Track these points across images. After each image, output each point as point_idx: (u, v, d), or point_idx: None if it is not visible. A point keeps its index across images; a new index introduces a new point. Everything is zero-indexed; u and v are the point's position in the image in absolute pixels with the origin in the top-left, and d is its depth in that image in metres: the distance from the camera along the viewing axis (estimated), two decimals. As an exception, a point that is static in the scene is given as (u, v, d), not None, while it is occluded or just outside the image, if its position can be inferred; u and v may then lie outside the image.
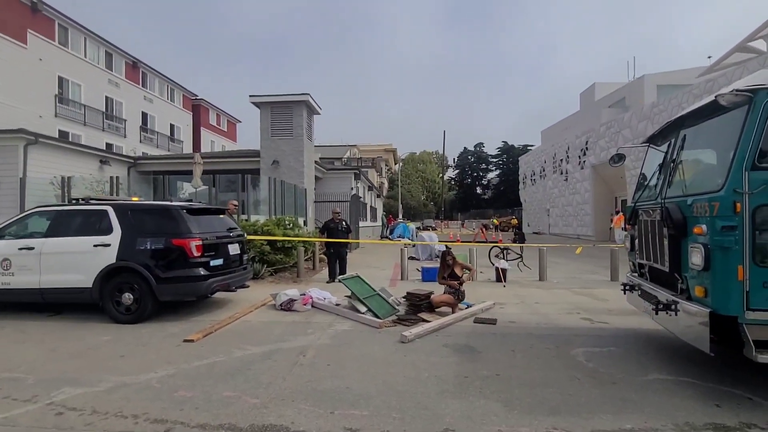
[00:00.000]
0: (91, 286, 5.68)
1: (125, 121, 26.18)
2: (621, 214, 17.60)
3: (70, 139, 19.78)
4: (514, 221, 36.13)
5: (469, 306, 6.34)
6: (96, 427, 2.85)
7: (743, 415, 2.98)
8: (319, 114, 16.92)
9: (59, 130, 20.97)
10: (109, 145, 23.61)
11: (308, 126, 16.11)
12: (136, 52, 47.67)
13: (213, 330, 5.22)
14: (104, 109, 24.60)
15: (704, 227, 3.22)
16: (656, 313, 3.80)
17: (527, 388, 3.50)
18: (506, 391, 3.44)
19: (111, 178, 12.36)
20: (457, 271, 6.41)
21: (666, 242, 3.79)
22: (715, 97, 3.28)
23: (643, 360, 4.17)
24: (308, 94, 15.43)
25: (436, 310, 6.12)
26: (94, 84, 23.83)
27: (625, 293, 4.91)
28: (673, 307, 3.55)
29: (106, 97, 24.94)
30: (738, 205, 3.05)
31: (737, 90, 3.14)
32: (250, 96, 15.58)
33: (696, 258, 3.28)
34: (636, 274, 4.75)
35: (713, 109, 3.55)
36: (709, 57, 23.26)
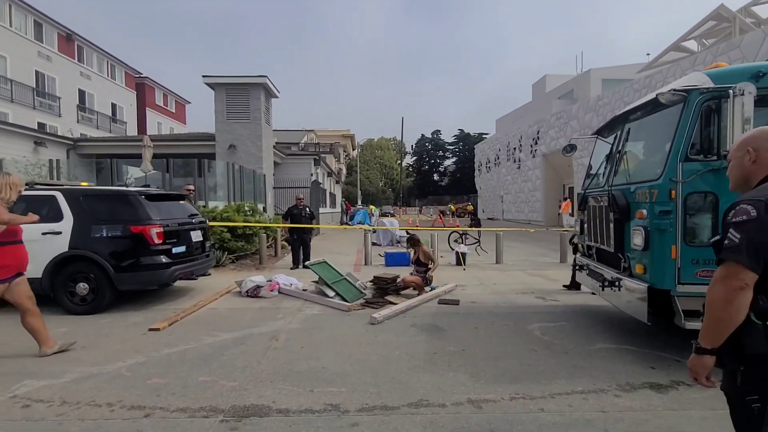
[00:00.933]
0: (40, 276, 5.33)
1: (59, 98, 24.07)
2: (568, 200, 18.77)
3: (-4, 118, 17.95)
4: (470, 207, 37.39)
5: (433, 288, 6.63)
6: (69, 416, 2.79)
7: (673, 375, 3.44)
8: (277, 97, 16.48)
9: (-18, 107, 18.97)
10: (41, 125, 21.64)
11: (266, 109, 15.67)
12: (73, 24, 43.47)
13: (179, 318, 5.12)
14: (35, 85, 22.46)
15: (645, 212, 3.63)
16: (602, 290, 4.22)
17: (491, 360, 3.80)
18: (472, 364, 3.72)
19: (50, 161, 11.42)
20: (421, 257, 6.63)
21: (612, 225, 4.20)
22: (656, 95, 3.66)
23: (590, 332, 4.63)
24: (266, 76, 14.94)
25: (402, 292, 6.36)
26: (21, 56, 21.64)
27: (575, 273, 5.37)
28: (617, 283, 3.97)
29: (37, 72, 22.77)
30: (673, 192, 3.46)
31: (674, 90, 3.52)
32: (204, 76, 14.83)
33: (637, 239, 3.69)
34: (585, 255, 5.21)
35: (653, 106, 3.95)
36: (648, 54, 25.08)
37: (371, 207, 25.42)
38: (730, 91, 3.23)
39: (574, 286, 6.63)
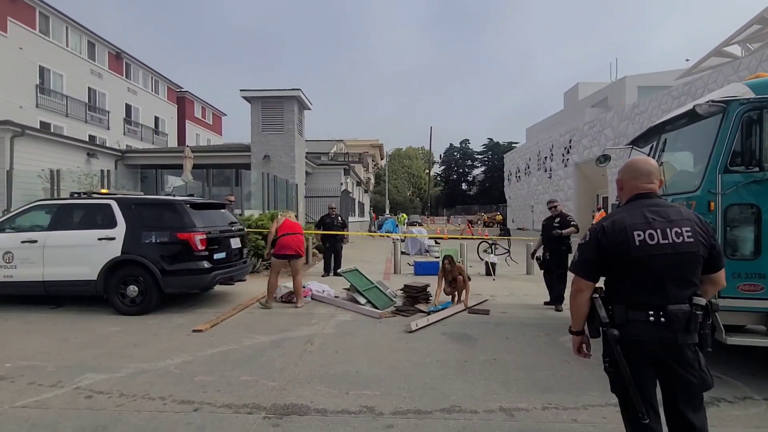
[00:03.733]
0: (95, 278, 5.78)
1: (108, 112, 25.66)
2: (602, 210, 18.24)
3: (52, 131, 19.35)
4: (499, 217, 36.87)
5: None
6: (127, 408, 3.04)
7: (714, 392, 3.29)
8: (309, 109, 17.00)
9: (40, 122, 20.48)
10: (92, 137, 23.15)
11: (299, 121, 16.18)
12: (120, 42, 46.55)
13: (219, 321, 5.40)
14: (87, 100, 24.07)
15: (682, 224, 3.57)
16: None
17: (522, 370, 3.82)
18: (503, 373, 3.75)
19: (101, 171, 12.25)
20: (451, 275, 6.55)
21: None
22: (693, 106, 3.63)
23: (625, 345, 4.54)
24: (299, 89, 15.48)
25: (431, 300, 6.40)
26: (76, 74, 23.29)
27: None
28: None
29: (89, 88, 24.40)
30: (712, 204, 3.41)
31: (712, 101, 3.48)
32: (241, 90, 15.55)
33: (674, 252, 3.63)
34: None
35: (691, 117, 3.89)
36: (687, 60, 24.17)
37: (404, 215, 25.40)
38: (772, 102, 3.18)
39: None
